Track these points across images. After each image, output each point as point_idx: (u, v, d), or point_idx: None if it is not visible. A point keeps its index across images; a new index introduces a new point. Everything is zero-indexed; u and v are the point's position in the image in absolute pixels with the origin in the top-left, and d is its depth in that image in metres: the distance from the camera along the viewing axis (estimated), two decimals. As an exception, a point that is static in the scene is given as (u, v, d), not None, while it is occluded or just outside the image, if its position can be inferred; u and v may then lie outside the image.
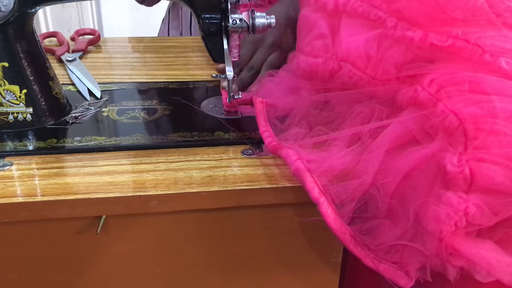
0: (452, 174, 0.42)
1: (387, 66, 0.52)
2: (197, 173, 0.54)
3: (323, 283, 0.61)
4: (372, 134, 0.51)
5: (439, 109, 0.45)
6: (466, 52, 0.47)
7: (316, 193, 0.48)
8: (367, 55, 0.53)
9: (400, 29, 0.50)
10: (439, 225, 0.42)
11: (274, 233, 0.57)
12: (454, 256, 0.42)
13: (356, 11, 0.54)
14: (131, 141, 0.59)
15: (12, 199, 0.49)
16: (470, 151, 0.42)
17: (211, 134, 0.61)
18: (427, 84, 0.48)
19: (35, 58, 0.61)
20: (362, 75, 0.53)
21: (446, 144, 0.44)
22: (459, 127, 0.43)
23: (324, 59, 0.56)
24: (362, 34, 0.53)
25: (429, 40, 0.48)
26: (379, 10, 0.52)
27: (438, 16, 0.48)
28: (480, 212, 0.41)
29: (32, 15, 0.60)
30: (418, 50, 0.50)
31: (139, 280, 0.58)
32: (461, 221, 0.41)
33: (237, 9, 0.58)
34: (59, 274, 0.56)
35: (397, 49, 0.51)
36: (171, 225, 0.55)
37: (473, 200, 0.42)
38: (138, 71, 0.80)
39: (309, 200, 0.49)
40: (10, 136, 0.59)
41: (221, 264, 0.58)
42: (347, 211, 0.48)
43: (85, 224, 0.52)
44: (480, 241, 0.42)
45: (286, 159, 0.51)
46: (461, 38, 0.47)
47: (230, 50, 0.59)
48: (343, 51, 0.54)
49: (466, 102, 0.44)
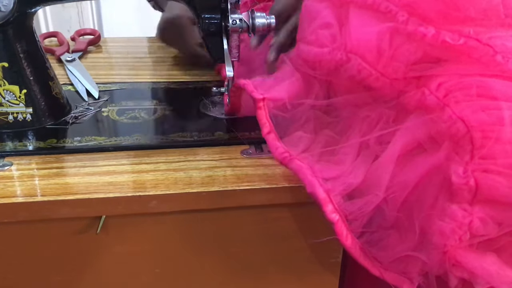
0: (457, 185, 0.42)
1: (398, 64, 0.50)
2: (197, 173, 0.54)
3: (323, 284, 0.61)
4: (380, 141, 0.50)
5: (447, 114, 0.44)
6: (477, 52, 0.46)
7: (331, 211, 0.47)
8: (378, 49, 0.50)
9: (412, 24, 0.48)
10: (443, 239, 0.42)
11: (274, 233, 0.57)
12: (457, 268, 0.43)
13: (365, 2, 0.51)
14: (131, 141, 0.59)
15: (12, 199, 0.49)
16: (476, 160, 0.42)
17: (211, 134, 0.61)
18: (435, 88, 0.46)
19: (35, 58, 0.61)
20: (372, 71, 0.51)
21: (452, 152, 0.44)
22: (466, 135, 0.42)
23: (330, 49, 0.53)
24: (373, 27, 0.51)
25: (441, 37, 0.46)
26: (390, 3, 0.50)
27: (450, 14, 0.47)
28: (484, 224, 0.42)
29: (32, 15, 0.60)
30: (428, 48, 0.48)
31: (139, 280, 0.58)
32: (465, 236, 0.42)
33: (237, 9, 0.58)
34: (59, 274, 0.56)
35: (409, 47, 0.49)
36: (171, 225, 0.55)
37: (477, 213, 0.42)
38: (138, 71, 0.80)
39: (309, 200, 0.49)
40: (10, 136, 0.59)
41: (220, 264, 0.58)
42: (357, 226, 0.48)
43: (85, 224, 0.52)
44: (482, 253, 0.43)
45: (298, 173, 0.49)
46: (473, 38, 0.46)
47: (230, 50, 0.59)
48: (352, 42, 0.51)
49: (474, 108, 0.43)
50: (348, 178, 0.49)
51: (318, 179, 0.48)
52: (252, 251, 0.58)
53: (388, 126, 0.51)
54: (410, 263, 0.47)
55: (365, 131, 0.52)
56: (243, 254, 0.58)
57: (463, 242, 0.42)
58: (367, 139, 0.51)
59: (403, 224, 0.48)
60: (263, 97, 0.54)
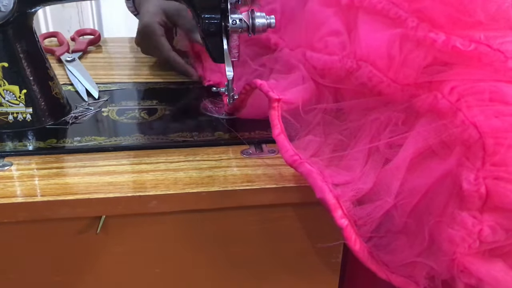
0: (468, 192, 0.42)
1: (408, 70, 0.49)
2: (197, 173, 0.54)
3: (323, 284, 0.61)
4: (390, 144, 0.50)
5: (459, 119, 0.44)
6: (489, 58, 0.45)
7: (340, 217, 0.46)
8: (389, 56, 0.50)
9: (422, 30, 0.48)
10: (453, 247, 0.42)
11: (274, 233, 0.57)
12: (465, 274, 0.42)
13: (374, 8, 0.51)
14: (131, 141, 0.59)
15: (12, 199, 0.49)
16: (487, 167, 0.41)
17: (211, 134, 0.61)
18: (448, 92, 0.46)
19: (35, 58, 0.61)
20: (383, 78, 0.50)
21: (463, 158, 0.43)
22: (478, 141, 0.42)
23: (340, 56, 0.53)
24: (383, 33, 0.50)
25: (451, 43, 0.46)
26: (399, 9, 0.49)
27: (460, 19, 0.46)
28: (493, 232, 0.42)
29: (32, 15, 0.60)
30: (438, 54, 0.48)
31: (139, 280, 0.58)
32: (474, 244, 0.42)
33: (237, 9, 0.58)
34: (59, 274, 0.56)
35: (419, 53, 0.48)
36: (171, 225, 0.55)
37: (487, 221, 0.41)
38: (138, 71, 0.80)
39: (309, 200, 0.49)
40: (10, 136, 0.59)
41: (220, 264, 0.58)
42: (366, 231, 0.48)
43: (85, 224, 0.52)
44: (490, 260, 0.43)
45: (307, 177, 0.48)
46: (484, 43, 0.45)
47: (230, 50, 0.59)
48: (362, 50, 0.51)
49: (487, 114, 0.43)
50: (358, 184, 0.49)
51: (328, 185, 0.47)
52: (252, 251, 0.58)
53: (397, 128, 0.50)
54: (417, 267, 0.47)
55: (374, 134, 0.52)
56: (243, 254, 0.58)
57: (472, 250, 0.42)
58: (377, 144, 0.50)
59: (412, 230, 0.48)
60: (279, 98, 0.53)
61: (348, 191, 0.48)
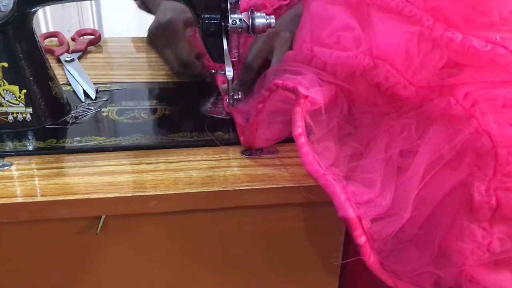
0: (479, 203, 0.42)
1: (425, 72, 0.48)
2: (197, 173, 0.54)
3: (323, 284, 0.61)
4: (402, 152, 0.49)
5: (473, 126, 0.43)
6: (504, 60, 0.44)
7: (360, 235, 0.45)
8: (408, 56, 0.48)
9: (438, 29, 0.46)
10: (462, 259, 0.42)
11: (273, 234, 0.57)
12: (472, 283, 0.43)
13: (388, 5, 0.49)
14: (131, 141, 0.59)
15: (11, 199, 0.49)
16: (499, 177, 0.41)
17: (211, 134, 0.61)
18: (462, 97, 0.45)
19: (34, 58, 0.61)
20: (401, 79, 0.48)
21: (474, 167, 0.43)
22: (491, 150, 0.42)
23: (356, 53, 0.50)
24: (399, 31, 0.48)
25: (468, 43, 0.45)
26: (414, 7, 0.48)
27: (476, 19, 0.45)
28: (502, 244, 0.42)
29: (31, 15, 0.60)
30: (452, 54, 0.46)
31: (139, 280, 0.58)
32: (484, 256, 0.42)
33: (237, 9, 0.58)
34: (59, 274, 0.56)
35: (435, 53, 0.47)
36: (171, 225, 0.55)
37: (497, 234, 0.42)
38: (138, 71, 0.80)
39: (309, 200, 0.49)
40: (10, 136, 0.59)
41: (220, 264, 0.58)
42: (379, 244, 0.47)
43: (85, 224, 0.52)
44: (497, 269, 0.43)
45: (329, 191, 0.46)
46: (499, 44, 0.44)
47: (230, 50, 0.59)
48: (379, 47, 0.49)
49: (501, 122, 0.42)
50: (378, 201, 0.48)
51: (352, 205, 0.45)
52: (252, 251, 0.58)
53: (410, 136, 0.50)
54: (424, 275, 0.47)
55: (388, 142, 0.51)
56: (243, 254, 0.58)
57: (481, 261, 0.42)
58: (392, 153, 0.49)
59: (422, 240, 0.47)
60: (307, 95, 0.49)
61: (370, 210, 0.47)
